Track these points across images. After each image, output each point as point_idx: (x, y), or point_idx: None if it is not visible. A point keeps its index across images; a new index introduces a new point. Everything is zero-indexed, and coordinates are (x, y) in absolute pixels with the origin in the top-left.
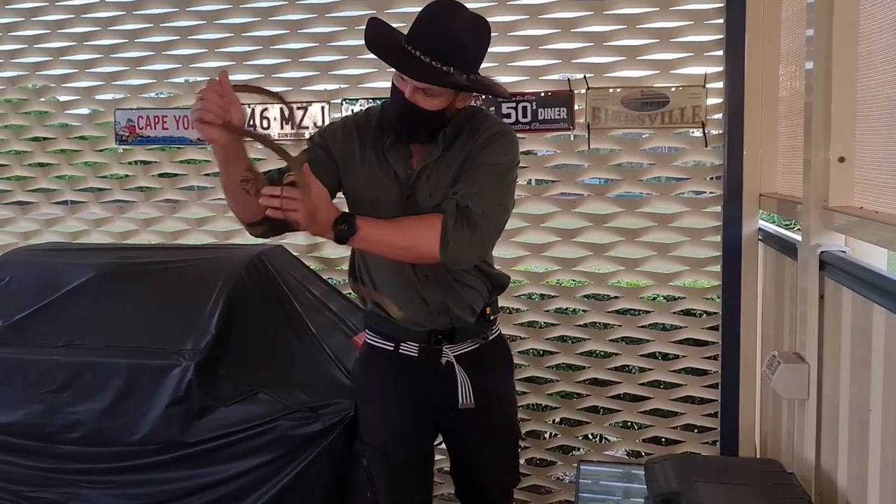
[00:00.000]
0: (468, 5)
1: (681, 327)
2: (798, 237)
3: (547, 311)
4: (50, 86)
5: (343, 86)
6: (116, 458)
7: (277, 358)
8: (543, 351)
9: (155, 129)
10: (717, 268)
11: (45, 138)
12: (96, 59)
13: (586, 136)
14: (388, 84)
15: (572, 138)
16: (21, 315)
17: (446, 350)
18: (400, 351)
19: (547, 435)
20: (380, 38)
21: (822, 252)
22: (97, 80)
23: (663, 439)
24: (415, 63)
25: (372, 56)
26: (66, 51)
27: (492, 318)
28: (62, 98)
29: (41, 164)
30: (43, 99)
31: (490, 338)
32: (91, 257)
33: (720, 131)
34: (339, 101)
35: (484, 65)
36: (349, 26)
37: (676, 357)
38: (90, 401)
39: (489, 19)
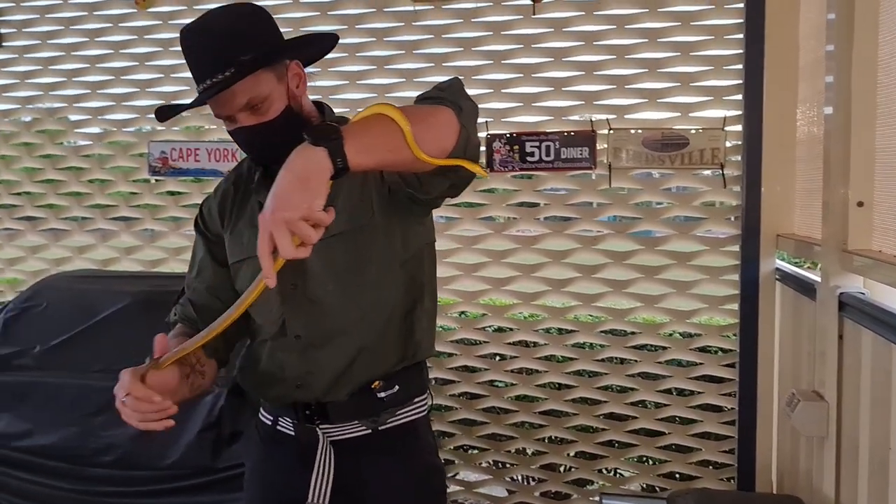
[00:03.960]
0: (494, 47)
1: (698, 364)
2: (814, 276)
3: (566, 345)
4: (86, 118)
5: None
6: (148, 481)
7: None
8: (561, 384)
9: (187, 160)
10: (735, 306)
11: (80, 168)
12: (132, 93)
13: (607, 174)
14: None
15: (594, 177)
16: (58, 340)
17: (321, 431)
18: (277, 427)
19: (563, 468)
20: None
21: (841, 293)
22: (132, 113)
23: (677, 474)
24: (210, 89)
25: None
26: (103, 84)
27: (384, 396)
28: (98, 129)
29: (76, 194)
30: (79, 130)
31: (388, 424)
32: (125, 285)
33: (738, 172)
34: None
35: (509, 104)
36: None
37: (693, 393)
38: (124, 425)
39: (513, 62)
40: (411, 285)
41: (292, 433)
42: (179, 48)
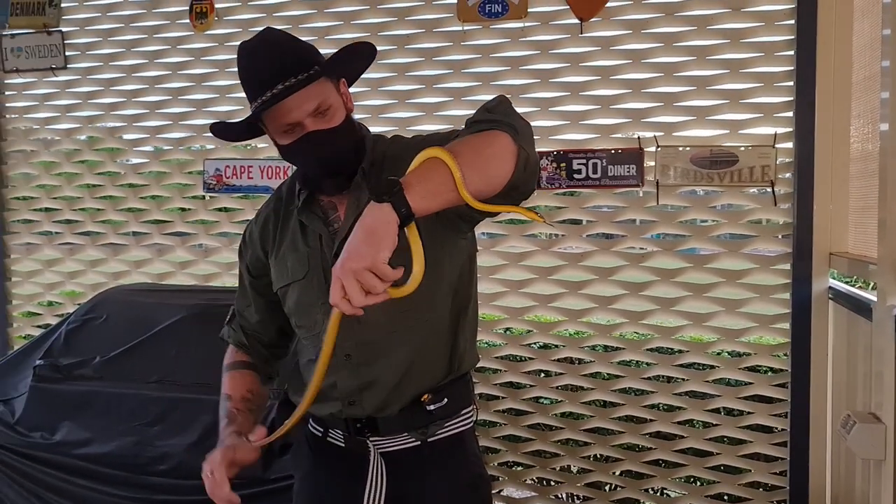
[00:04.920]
0: (541, 66)
1: (748, 383)
2: (869, 295)
3: (612, 362)
4: (145, 136)
5: None
6: (201, 491)
7: None
8: (607, 402)
9: (241, 178)
10: (786, 325)
11: (138, 185)
12: (189, 112)
13: (655, 192)
14: None
15: (641, 194)
16: (117, 352)
17: (371, 444)
18: (328, 439)
19: (609, 487)
20: (225, 126)
21: None
22: (189, 132)
23: (726, 496)
24: (291, 88)
25: None
26: (161, 104)
27: (433, 409)
28: (155, 147)
29: (134, 210)
30: (138, 148)
31: (436, 436)
32: (180, 298)
33: (790, 190)
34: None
35: (556, 122)
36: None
37: (742, 413)
38: (179, 435)
39: (563, 80)
40: (455, 299)
41: (343, 445)
42: (235, 69)
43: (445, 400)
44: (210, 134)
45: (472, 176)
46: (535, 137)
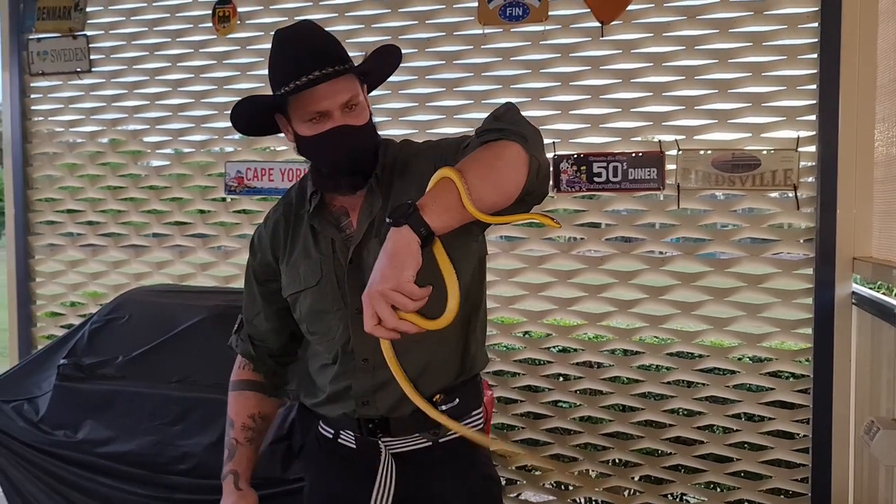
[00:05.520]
0: (561, 69)
1: (769, 388)
2: (892, 300)
3: (632, 367)
4: (167, 139)
5: None
6: (220, 490)
7: None
8: (626, 407)
9: (262, 180)
10: (808, 330)
11: (160, 187)
12: (211, 115)
13: (676, 196)
14: None
15: (661, 198)
16: (139, 351)
17: (383, 444)
18: (339, 440)
19: (628, 492)
20: (254, 102)
21: None
22: (211, 135)
23: (747, 502)
24: (329, 75)
25: None
26: (183, 107)
27: (445, 409)
28: (177, 150)
29: (156, 211)
30: (160, 151)
31: (448, 437)
32: (201, 299)
33: (812, 194)
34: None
35: (576, 126)
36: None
37: (763, 419)
38: (199, 435)
39: (583, 83)
40: (467, 301)
41: (353, 446)
42: (257, 72)
43: (457, 400)
44: (231, 137)
45: (486, 189)
46: (555, 141)
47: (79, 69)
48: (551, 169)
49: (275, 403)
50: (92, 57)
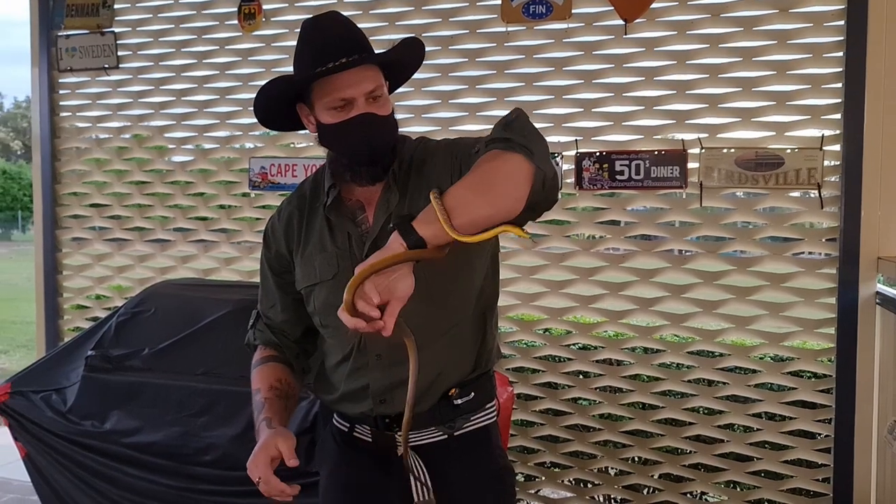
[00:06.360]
0: (584, 67)
1: (791, 388)
2: None
3: (652, 364)
4: (192, 135)
5: None
6: (245, 482)
7: None
8: (647, 405)
9: (285, 176)
10: (831, 330)
11: (185, 182)
12: (236, 112)
13: (698, 194)
14: None
15: (684, 196)
16: (165, 344)
17: (398, 438)
18: (354, 434)
19: (648, 490)
20: (279, 84)
21: None
22: (236, 131)
23: (767, 501)
24: (357, 61)
25: None
26: (209, 103)
27: (460, 403)
28: (203, 146)
29: (181, 206)
30: (185, 146)
31: (463, 430)
32: (226, 293)
33: (836, 193)
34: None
35: (599, 123)
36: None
37: (785, 418)
38: (224, 427)
39: (605, 81)
40: (480, 298)
41: (370, 440)
42: (281, 69)
43: (472, 394)
44: (255, 133)
45: (479, 204)
46: (577, 138)
47: (106, 65)
48: (571, 167)
49: (299, 379)
50: (119, 53)
